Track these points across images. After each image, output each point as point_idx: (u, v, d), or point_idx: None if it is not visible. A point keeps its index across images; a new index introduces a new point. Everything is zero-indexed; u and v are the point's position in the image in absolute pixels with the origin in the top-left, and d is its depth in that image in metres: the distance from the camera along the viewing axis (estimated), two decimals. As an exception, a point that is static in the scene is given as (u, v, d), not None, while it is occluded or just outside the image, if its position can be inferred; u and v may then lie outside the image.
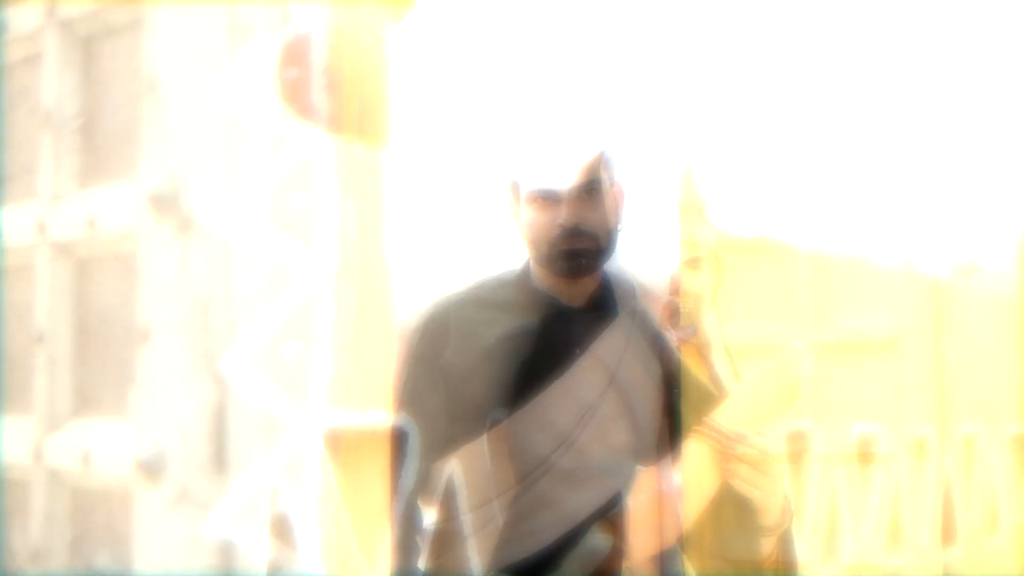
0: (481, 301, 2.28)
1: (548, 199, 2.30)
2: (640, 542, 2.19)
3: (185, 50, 1.17)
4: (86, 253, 1.36)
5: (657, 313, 2.42)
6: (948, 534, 3.89)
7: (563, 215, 2.27)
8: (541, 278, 2.29)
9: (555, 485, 2.20)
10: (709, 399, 2.35)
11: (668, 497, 2.19)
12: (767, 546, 2.40)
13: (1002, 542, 4.13)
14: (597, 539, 2.17)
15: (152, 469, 1.13)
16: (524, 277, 2.29)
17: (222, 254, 1.15)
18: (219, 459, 1.14)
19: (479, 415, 2.26)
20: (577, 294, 2.38)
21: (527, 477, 2.25)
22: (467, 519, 2.35)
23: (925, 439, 3.78)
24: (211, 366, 1.14)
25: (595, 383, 2.24)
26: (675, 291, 2.38)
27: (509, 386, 2.24)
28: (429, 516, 2.28)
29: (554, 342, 2.29)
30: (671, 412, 2.31)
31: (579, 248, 2.26)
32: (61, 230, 1.37)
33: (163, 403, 1.15)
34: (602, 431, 2.21)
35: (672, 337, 2.43)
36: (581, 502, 2.17)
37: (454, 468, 2.33)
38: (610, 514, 2.16)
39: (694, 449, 2.23)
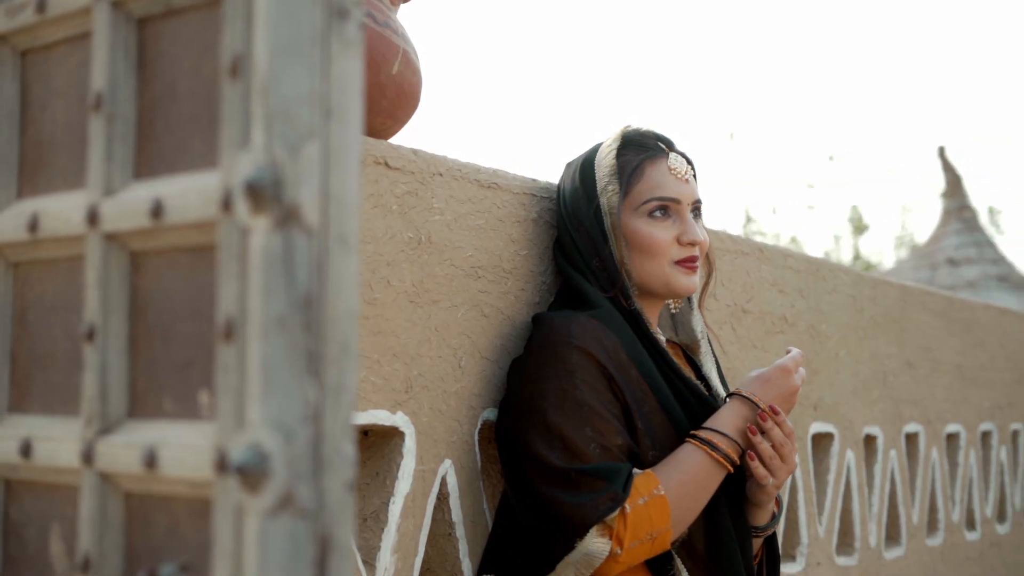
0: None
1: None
2: (638, 545, 2.17)
3: (279, 33, 1.11)
4: (146, 246, 1.29)
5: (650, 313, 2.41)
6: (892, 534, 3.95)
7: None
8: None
9: (554, 489, 2.17)
10: (703, 401, 2.35)
11: (665, 499, 2.17)
12: (755, 546, 2.40)
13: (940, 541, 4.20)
14: (594, 542, 2.15)
15: (254, 474, 1.07)
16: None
17: (324, 246, 1.09)
18: (319, 464, 1.08)
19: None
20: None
21: (524, 479, 2.22)
22: (459, 520, 2.31)
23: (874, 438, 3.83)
24: (313, 365, 1.08)
25: (594, 384, 2.22)
26: (668, 291, 2.37)
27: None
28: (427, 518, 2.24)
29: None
30: (667, 414, 2.30)
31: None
32: (116, 222, 1.30)
33: (257, 404, 1.09)
34: (601, 433, 2.20)
35: (661, 337, 2.42)
36: (580, 506, 2.15)
37: (448, 469, 2.29)
38: (608, 518, 2.14)
39: (690, 452, 2.22)
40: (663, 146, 2.38)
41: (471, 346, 2.33)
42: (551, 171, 2.57)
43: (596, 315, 2.27)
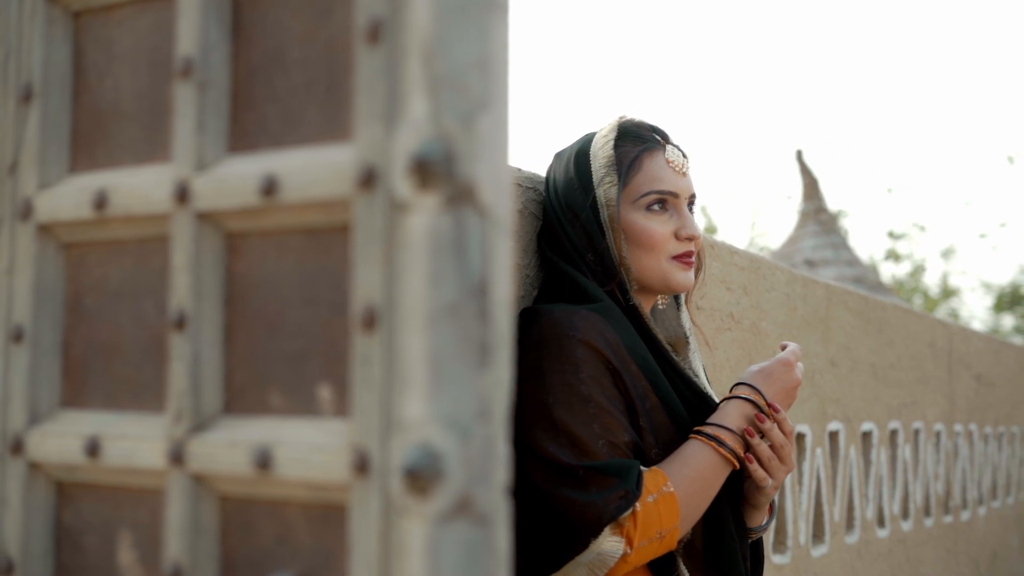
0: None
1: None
2: (647, 544, 2.11)
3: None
4: (247, 226, 1.18)
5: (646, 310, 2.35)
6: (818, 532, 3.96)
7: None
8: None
9: (563, 487, 2.10)
10: (702, 398, 2.30)
11: (675, 497, 2.12)
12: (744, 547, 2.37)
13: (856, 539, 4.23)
14: (608, 542, 2.08)
15: (424, 477, 0.97)
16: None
17: (501, 228, 1.00)
18: (491, 464, 0.99)
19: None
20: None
21: (527, 478, 2.14)
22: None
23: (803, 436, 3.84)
24: (486, 357, 0.99)
25: (599, 379, 2.15)
26: (664, 287, 2.32)
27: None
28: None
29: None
30: (668, 411, 2.25)
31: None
32: (213, 199, 1.18)
33: (423, 400, 0.99)
34: (608, 430, 2.13)
35: (658, 333, 2.37)
36: (592, 504, 2.08)
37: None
38: (621, 516, 2.07)
39: (697, 448, 2.17)
40: (659, 138, 2.32)
41: (465, 341, 2.23)
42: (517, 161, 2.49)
43: (596, 309, 2.20)
